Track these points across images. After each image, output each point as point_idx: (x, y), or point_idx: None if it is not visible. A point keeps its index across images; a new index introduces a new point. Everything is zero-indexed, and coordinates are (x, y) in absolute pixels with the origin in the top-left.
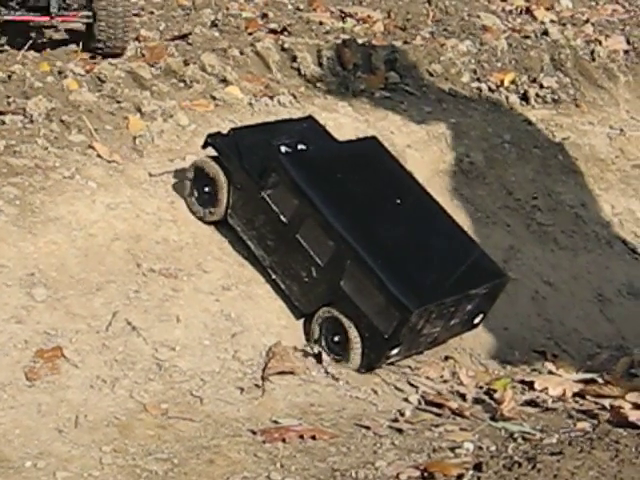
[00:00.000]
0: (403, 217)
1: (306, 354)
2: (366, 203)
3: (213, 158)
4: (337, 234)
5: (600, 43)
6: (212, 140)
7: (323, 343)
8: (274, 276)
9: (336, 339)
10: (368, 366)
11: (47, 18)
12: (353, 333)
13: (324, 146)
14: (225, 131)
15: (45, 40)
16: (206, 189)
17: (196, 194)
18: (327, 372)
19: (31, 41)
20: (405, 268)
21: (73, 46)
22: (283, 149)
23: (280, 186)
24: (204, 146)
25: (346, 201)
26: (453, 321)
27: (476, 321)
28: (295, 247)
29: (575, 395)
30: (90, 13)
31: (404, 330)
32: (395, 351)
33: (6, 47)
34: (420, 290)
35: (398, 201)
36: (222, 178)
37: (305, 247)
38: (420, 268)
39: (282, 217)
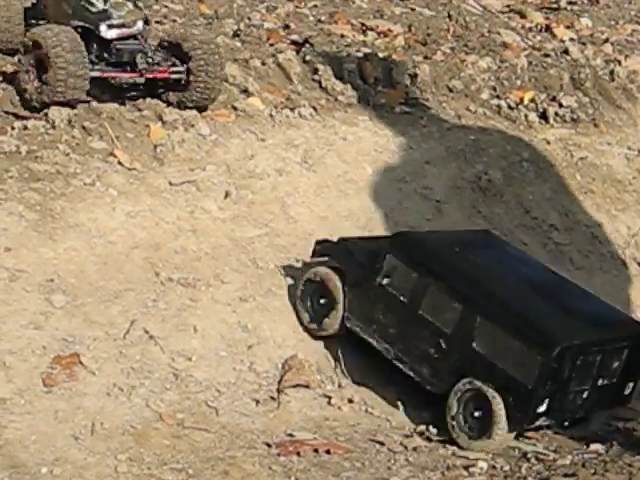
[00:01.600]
0: (526, 278)
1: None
2: (486, 269)
3: (328, 267)
4: (462, 294)
5: (620, 63)
6: (324, 247)
7: (461, 419)
8: (401, 365)
9: (476, 414)
10: (511, 434)
11: (137, 75)
12: (496, 401)
13: (435, 232)
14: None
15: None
16: (321, 301)
17: (309, 306)
18: (340, 386)
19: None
20: (539, 315)
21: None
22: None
23: (396, 268)
24: (313, 254)
25: (466, 267)
26: (601, 381)
27: (627, 392)
28: (419, 324)
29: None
30: (183, 68)
31: (548, 375)
32: (543, 407)
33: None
34: (558, 330)
35: (518, 267)
36: (337, 283)
37: (430, 320)
38: (554, 315)
39: (402, 298)
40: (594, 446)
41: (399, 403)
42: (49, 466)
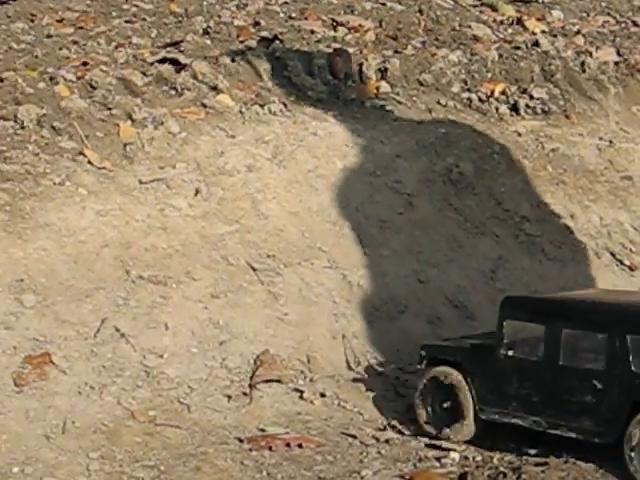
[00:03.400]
0: None
1: None
2: (608, 297)
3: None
4: (601, 322)
5: (591, 55)
6: (441, 350)
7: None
8: (557, 431)
9: None
10: None
11: None
12: None
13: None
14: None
15: None
16: (444, 405)
17: (431, 411)
18: (312, 380)
19: None
20: None
21: None
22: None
23: (518, 330)
24: (421, 362)
25: (592, 300)
26: None
27: None
28: (564, 377)
29: None
30: None
31: None
32: None
33: None
34: None
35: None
36: (463, 383)
37: (574, 367)
38: None
39: (534, 358)
40: None
41: None
42: (20, 465)
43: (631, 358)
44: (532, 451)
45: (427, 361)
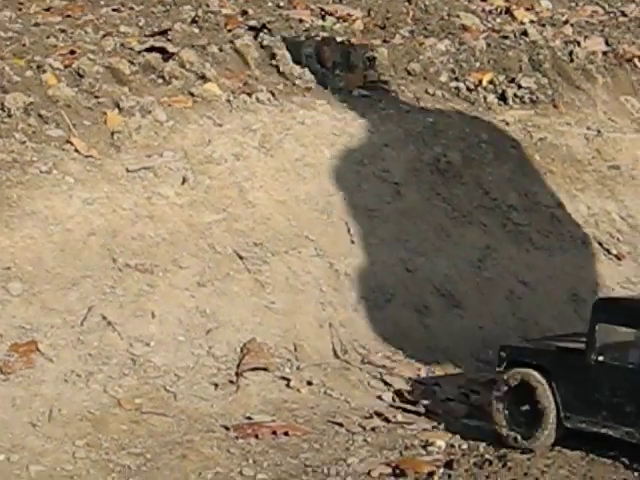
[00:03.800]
0: None
1: None
2: None
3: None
4: None
5: (579, 44)
6: (523, 352)
7: None
8: None
9: None
10: None
11: None
12: None
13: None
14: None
15: None
16: (523, 408)
17: (509, 416)
18: (299, 368)
19: None
20: None
21: None
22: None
23: (611, 334)
24: (501, 364)
25: None
26: None
27: None
28: None
29: None
30: None
31: None
32: None
33: None
34: None
35: None
36: (546, 387)
37: None
38: None
39: (629, 365)
40: None
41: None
42: (6, 453)
43: None
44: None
45: (507, 363)
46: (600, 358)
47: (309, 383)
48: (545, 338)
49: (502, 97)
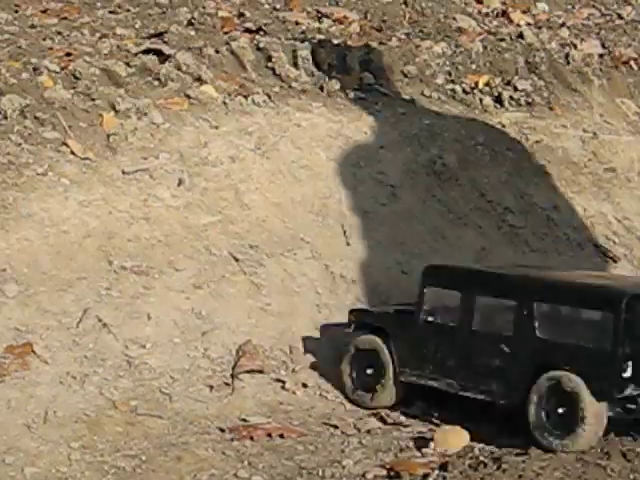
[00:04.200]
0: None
1: None
2: (524, 267)
3: (371, 333)
4: (511, 290)
5: (575, 47)
6: (366, 316)
7: (544, 419)
8: (468, 393)
9: (560, 411)
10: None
11: None
12: (579, 388)
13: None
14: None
15: None
16: (368, 371)
17: (356, 378)
18: (294, 370)
19: None
20: (596, 281)
21: None
22: None
23: (437, 297)
24: (349, 325)
25: (505, 269)
26: None
27: None
28: (476, 342)
29: None
30: None
31: (623, 331)
32: (628, 372)
33: None
34: (621, 286)
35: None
36: (384, 347)
37: (485, 332)
38: (608, 280)
39: (451, 324)
40: None
41: None
42: (1, 455)
43: (536, 324)
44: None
45: (355, 326)
46: (428, 319)
47: (304, 385)
48: (391, 304)
49: (498, 99)
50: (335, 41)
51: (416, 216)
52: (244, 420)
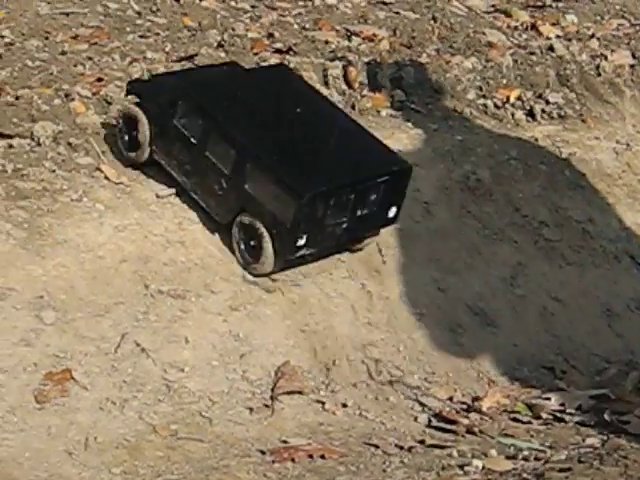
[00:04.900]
0: (302, 121)
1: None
2: (266, 114)
3: (136, 104)
4: (236, 142)
5: (606, 58)
6: (131, 86)
7: (242, 247)
8: (195, 196)
9: (252, 243)
10: (280, 263)
11: None
12: (263, 234)
13: (229, 72)
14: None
15: None
16: (133, 133)
17: (126, 139)
18: (334, 390)
19: None
20: (299, 161)
21: None
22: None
23: (187, 111)
24: (126, 93)
25: (246, 114)
26: (360, 211)
27: (390, 215)
28: (206, 164)
29: (586, 412)
30: None
31: (303, 216)
32: (302, 241)
33: None
34: (312, 177)
35: (298, 110)
36: (144, 119)
37: (214, 162)
38: (315, 160)
39: (192, 139)
40: (590, 440)
41: None
42: None
43: (247, 180)
44: None
45: (127, 95)
46: (176, 122)
47: (344, 405)
48: (171, 74)
49: (530, 113)
50: (365, 59)
51: (451, 232)
52: (284, 442)
